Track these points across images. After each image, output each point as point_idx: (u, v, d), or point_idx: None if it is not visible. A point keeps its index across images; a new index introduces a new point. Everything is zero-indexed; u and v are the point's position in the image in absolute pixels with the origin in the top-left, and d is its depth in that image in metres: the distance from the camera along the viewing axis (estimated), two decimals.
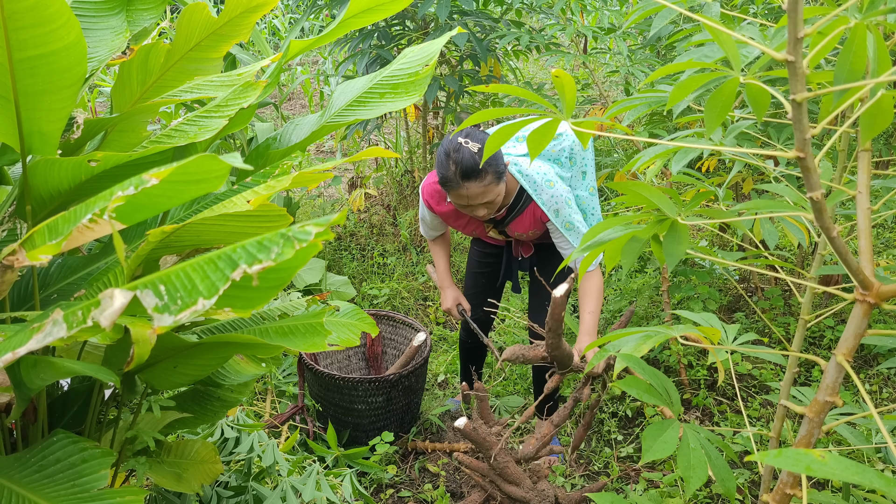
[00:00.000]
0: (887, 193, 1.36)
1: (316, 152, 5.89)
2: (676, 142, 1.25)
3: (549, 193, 2.08)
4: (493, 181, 1.95)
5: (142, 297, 0.83)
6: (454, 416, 2.79)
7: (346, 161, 1.19)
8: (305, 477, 1.88)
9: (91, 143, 1.42)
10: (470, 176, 1.92)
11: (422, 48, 1.48)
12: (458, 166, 1.92)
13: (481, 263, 2.52)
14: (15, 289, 1.36)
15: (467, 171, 1.91)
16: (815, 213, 0.84)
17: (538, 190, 2.08)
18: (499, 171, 1.95)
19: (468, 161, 1.90)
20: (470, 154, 1.91)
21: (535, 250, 2.38)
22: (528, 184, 2.08)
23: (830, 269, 1.31)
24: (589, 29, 2.87)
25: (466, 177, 1.92)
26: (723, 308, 3.33)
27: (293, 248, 0.80)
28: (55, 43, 1.04)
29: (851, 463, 0.70)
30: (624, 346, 1.12)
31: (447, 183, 1.97)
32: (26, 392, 1.12)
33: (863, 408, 1.73)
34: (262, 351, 1.32)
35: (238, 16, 1.38)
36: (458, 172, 1.92)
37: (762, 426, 2.60)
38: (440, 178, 1.98)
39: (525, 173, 2.08)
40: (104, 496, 1.06)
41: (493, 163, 1.93)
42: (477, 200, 1.98)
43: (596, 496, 1.25)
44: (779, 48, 0.94)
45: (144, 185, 0.84)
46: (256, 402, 2.72)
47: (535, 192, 2.08)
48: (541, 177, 2.08)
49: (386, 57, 3.33)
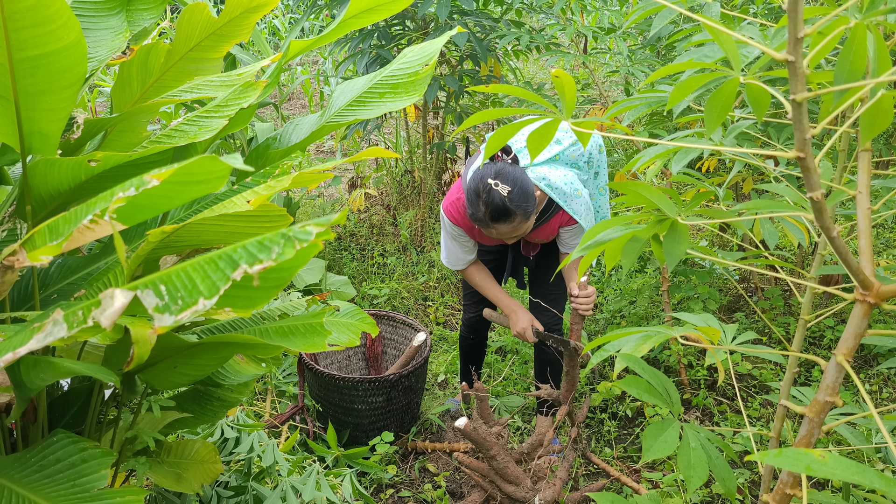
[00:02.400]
0: (887, 193, 1.36)
1: (316, 152, 5.88)
2: (676, 142, 1.25)
3: (578, 202, 2.12)
4: (523, 220, 1.97)
5: (142, 297, 0.83)
6: (454, 416, 2.79)
7: (346, 161, 1.19)
8: (305, 477, 1.88)
9: (91, 143, 1.42)
10: (499, 219, 1.94)
11: (421, 48, 1.48)
12: (487, 208, 1.93)
13: (482, 262, 2.52)
14: (15, 289, 1.36)
15: (497, 215, 1.93)
16: (816, 213, 0.84)
17: (568, 200, 2.11)
18: (528, 210, 1.96)
19: (498, 204, 1.91)
20: (500, 197, 1.90)
21: (540, 248, 2.39)
22: (558, 196, 2.09)
23: (830, 269, 1.31)
24: (589, 29, 2.87)
25: (496, 220, 1.94)
26: (723, 308, 3.33)
27: (294, 247, 0.80)
28: (55, 43, 1.03)
29: (851, 463, 0.70)
30: (624, 346, 1.12)
31: (477, 221, 1.99)
32: (26, 392, 1.12)
33: (863, 408, 1.73)
34: (262, 351, 1.32)
35: (238, 16, 1.38)
36: (488, 214, 1.93)
37: (762, 426, 2.60)
38: (469, 213, 1.99)
39: (554, 186, 2.09)
40: (104, 496, 1.06)
41: (523, 204, 1.93)
42: (506, 237, 2.03)
43: (596, 496, 1.25)
44: (779, 48, 0.94)
45: (146, 185, 0.84)
46: (256, 402, 2.72)
47: (566, 202, 2.11)
48: (569, 186, 2.10)
49: (386, 57, 3.33)
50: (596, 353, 1.15)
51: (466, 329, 2.63)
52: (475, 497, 2.07)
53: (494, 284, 2.38)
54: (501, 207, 1.91)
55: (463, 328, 2.65)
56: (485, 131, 4.58)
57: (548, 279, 2.41)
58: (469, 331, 2.62)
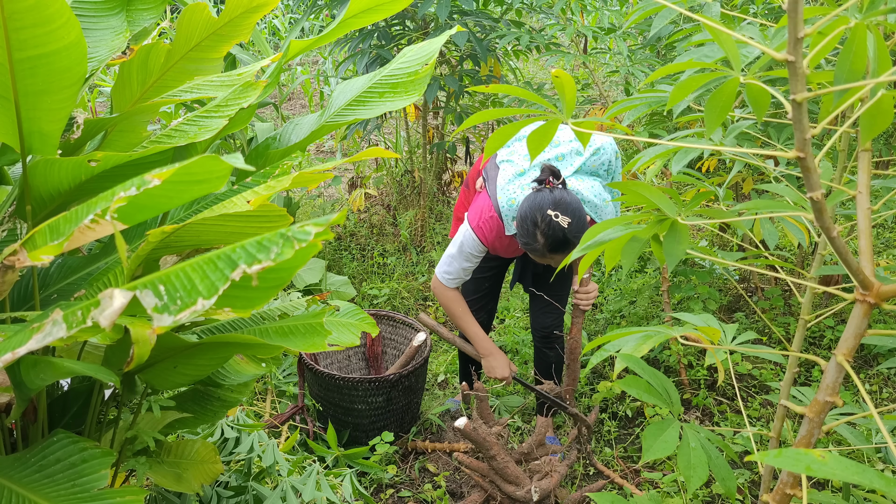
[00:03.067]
0: (887, 193, 1.36)
1: (316, 152, 5.88)
2: (676, 142, 1.25)
3: (607, 211, 2.14)
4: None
5: (141, 297, 0.83)
6: (454, 416, 2.79)
7: (346, 161, 1.19)
8: (305, 477, 1.88)
9: (91, 143, 1.42)
10: (558, 250, 1.93)
11: (421, 47, 1.48)
12: (546, 240, 1.91)
13: (484, 268, 2.51)
14: (15, 289, 1.36)
15: (556, 247, 1.92)
16: (816, 213, 0.84)
17: (598, 210, 2.12)
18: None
19: (559, 237, 1.90)
20: (561, 230, 1.89)
21: None
22: (590, 209, 2.09)
23: (830, 269, 1.31)
24: (589, 29, 2.87)
25: (555, 251, 1.94)
26: (723, 308, 3.33)
27: (293, 248, 0.80)
28: (55, 43, 1.03)
29: (851, 463, 0.70)
30: (624, 346, 1.12)
31: (532, 251, 1.98)
32: (26, 392, 1.12)
33: (863, 408, 1.73)
34: (262, 351, 1.32)
35: (238, 16, 1.37)
36: (547, 246, 1.93)
37: (762, 426, 2.60)
38: (523, 242, 1.97)
39: (587, 200, 2.09)
40: (104, 496, 1.06)
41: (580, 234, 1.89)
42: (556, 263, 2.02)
43: (596, 496, 1.25)
44: (779, 48, 0.94)
45: (146, 185, 0.84)
46: (256, 402, 2.72)
47: (597, 213, 2.12)
48: (598, 197, 2.11)
49: (386, 57, 3.33)
50: (596, 354, 1.15)
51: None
52: (475, 497, 2.07)
53: (473, 321, 2.37)
54: (562, 240, 1.90)
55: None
56: (485, 131, 4.58)
57: (550, 281, 2.42)
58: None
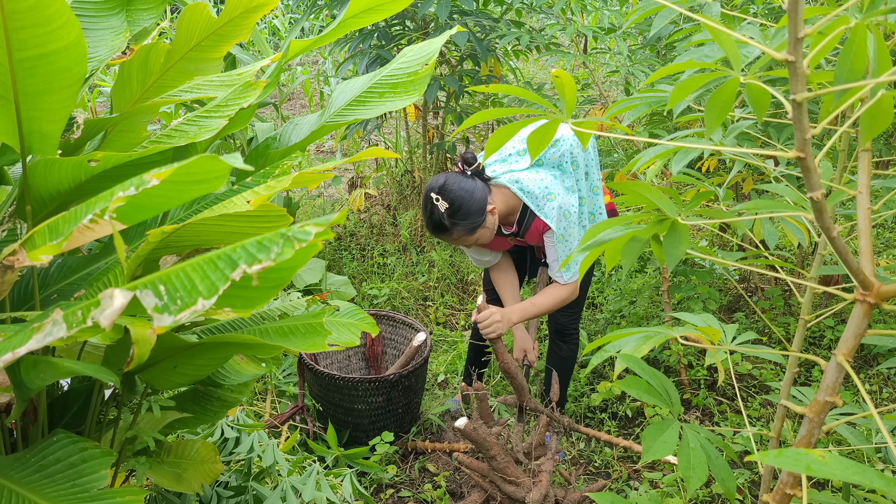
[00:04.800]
0: (887, 193, 1.36)
1: (316, 152, 5.88)
2: (676, 142, 1.25)
3: (550, 206, 2.08)
4: (465, 234, 2.02)
5: (142, 297, 0.83)
6: (454, 416, 2.79)
7: (346, 161, 1.19)
8: (305, 477, 1.88)
9: (91, 143, 1.42)
10: (437, 232, 2.03)
11: (421, 47, 1.48)
12: (427, 220, 2.02)
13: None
14: (15, 289, 1.36)
15: (434, 229, 2.02)
16: (816, 213, 0.84)
17: (539, 204, 2.08)
18: (470, 226, 2.00)
19: (436, 220, 2.00)
20: (438, 213, 1.98)
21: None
22: (529, 200, 2.08)
23: (830, 269, 1.31)
24: (589, 29, 2.87)
25: (435, 232, 2.03)
26: (723, 308, 3.33)
27: (293, 247, 0.80)
28: (55, 43, 1.03)
29: (851, 463, 0.70)
30: (624, 346, 1.12)
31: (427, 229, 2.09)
32: (26, 392, 1.12)
33: (863, 408, 1.73)
34: (262, 351, 1.32)
35: (238, 16, 1.37)
36: (428, 226, 2.04)
37: (762, 426, 2.60)
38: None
39: (526, 190, 2.08)
40: (104, 496, 1.06)
41: (461, 221, 1.98)
42: (453, 245, 2.12)
43: (596, 496, 1.25)
44: (779, 48, 0.94)
45: (145, 185, 0.84)
46: (256, 402, 2.72)
47: (537, 206, 2.08)
48: (541, 190, 2.08)
49: (386, 57, 3.32)
50: (596, 354, 1.15)
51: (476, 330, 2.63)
52: (475, 497, 2.07)
53: (508, 289, 2.41)
54: (438, 223, 1.99)
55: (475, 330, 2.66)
56: (485, 131, 4.58)
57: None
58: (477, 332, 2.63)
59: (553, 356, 2.56)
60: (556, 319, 2.50)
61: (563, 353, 2.52)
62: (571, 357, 2.52)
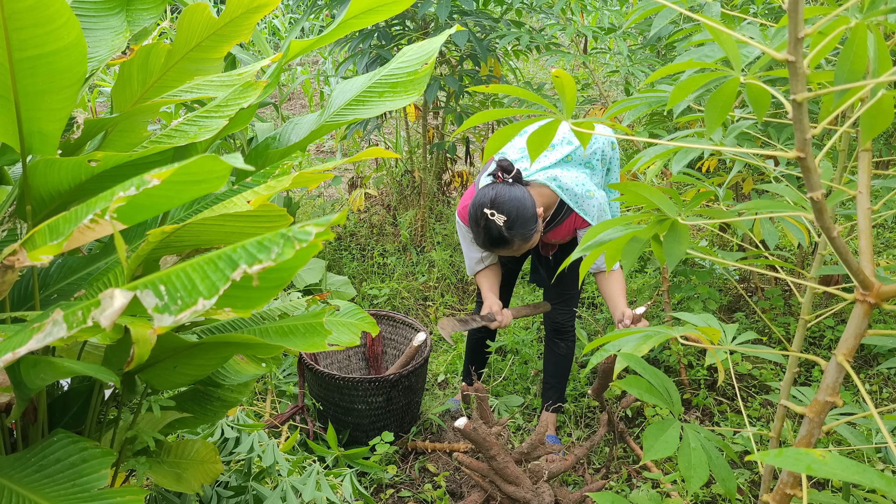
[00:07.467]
0: (887, 193, 1.36)
1: (316, 152, 5.88)
2: (676, 142, 1.25)
3: (590, 203, 2.11)
4: (522, 242, 2.00)
5: (142, 297, 0.83)
6: (454, 416, 2.79)
7: (346, 161, 1.19)
8: (305, 477, 1.88)
9: (91, 143, 1.42)
10: (498, 246, 2.00)
11: (420, 46, 1.48)
12: (486, 236, 1.99)
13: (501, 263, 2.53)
14: (15, 289, 1.36)
15: (494, 243, 2.00)
16: (816, 213, 0.84)
17: (580, 201, 2.11)
18: (527, 234, 1.99)
19: (494, 234, 1.97)
20: (496, 227, 1.95)
21: (558, 248, 2.39)
22: (569, 197, 2.10)
23: (830, 269, 1.31)
24: (589, 29, 2.87)
25: (495, 246, 2.01)
26: (723, 308, 3.33)
27: (293, 248, 0.80)
28: (55, 43, 1.03)
29: (852, 463, 0.70)
30: (624, 346, 1.12)
31: (480, 245, 2.05)
32: (26, 392, 1.12)
33: (863, 408, 1.73)
34: (262, 351, 1.32)
35: (239, 16, 1.38)
36: (487, 242, 2.00)
37: (762, 426, 2.60)
38: (473, 237, 2.06)
39: (565, 188, 2.09)
40: (104, 496, 1.06)
41: (520, 230, 1.97)
42: (508, 255, 2.08)
43: (596, 496, 1.25)
44: (779, 48, 0.94)
45: (146, 185, 0.84)
46: (256, 402, 2.72)
47: (577, 204, 2.11)
48: (581, 188, 2.10)
49: (386, 57, 3.32)
50: (596, 354, 1.15)
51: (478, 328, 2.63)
52: (475, 497, 2.07)
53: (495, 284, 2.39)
54: (498, 237, 1.97)
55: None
56: (485, 131, 4.58)
57: (564, 278, 2.42)
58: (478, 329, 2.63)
59: (551, 355, 2.56)
60: (553, 318, 2.50)
61: (561, 352, 2.53)
62: (569, 355, 2.53)
